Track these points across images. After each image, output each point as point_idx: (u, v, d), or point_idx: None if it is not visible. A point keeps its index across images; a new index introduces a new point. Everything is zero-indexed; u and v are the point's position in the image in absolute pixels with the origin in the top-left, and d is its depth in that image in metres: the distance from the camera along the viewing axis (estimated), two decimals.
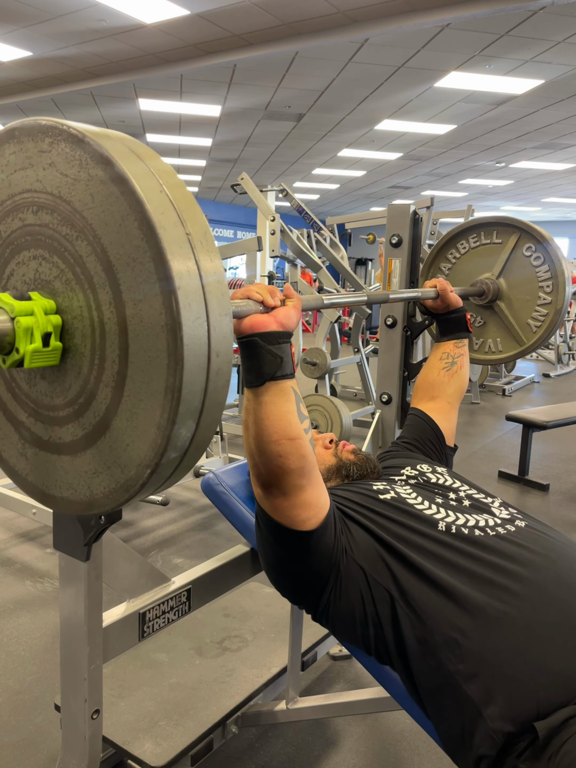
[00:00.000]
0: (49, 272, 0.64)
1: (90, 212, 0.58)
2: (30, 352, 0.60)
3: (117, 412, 0.61)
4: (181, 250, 0.54)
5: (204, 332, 0.55)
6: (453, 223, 7.82)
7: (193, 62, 5.93)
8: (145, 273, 0.55)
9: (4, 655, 1.96)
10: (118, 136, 0.60)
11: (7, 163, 0.65)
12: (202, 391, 0.57)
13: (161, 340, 0.55)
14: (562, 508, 3.40)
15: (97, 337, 0.61)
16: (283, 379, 0.84)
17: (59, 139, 0.59)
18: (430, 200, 4.55)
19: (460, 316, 1.43)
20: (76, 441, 0.67)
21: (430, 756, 1.56)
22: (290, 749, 1.60)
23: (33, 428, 0.72)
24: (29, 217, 0.64)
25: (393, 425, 2.02)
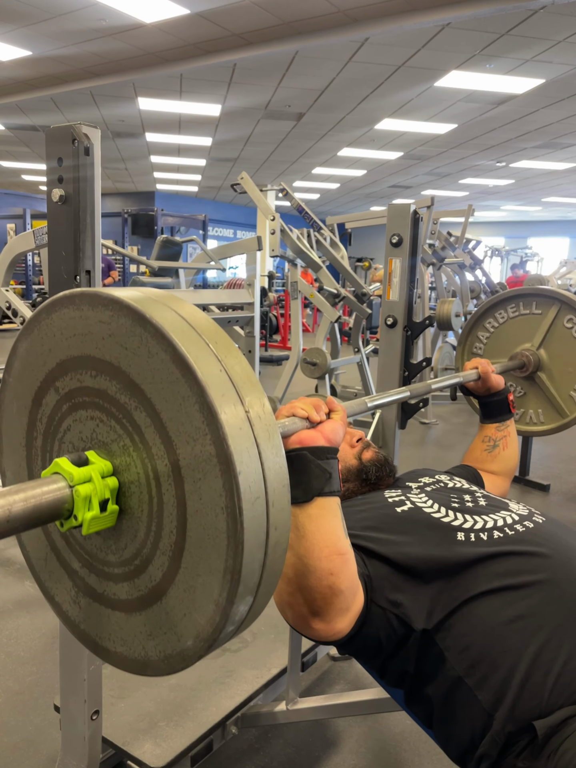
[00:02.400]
0: (107, 435, 0.64)
1: (149, 387, 0.59)
2: (88, 520, 0.60)
3: (174, 581, 0.61)
4: (242, 432, 0.55)
5: (263, 510, 0.56)
6: (453, 222, 7.83)
7: (193, 62, 5.93)
8: (205, 453, 0.55)
9: (4, 656, 1.96)
10: (183, 312, 0.60)
11: (66, 326, 0.65)
12: (260, 566, 0.57)
13: (221, 521, 0.55)
14: (563, 508, 3.39)
15: (155, 505, 0.61)
16: (331, 496, 0.83)
17: (120, 314, 0.59)
18: (430, 200, 4.54)
19: (502, 398, 1.39)
20: (130, 600, 0.66)
21: (431, 757, 1.56)
22: (290, 750, 1.60)
23: (87, 579, 0.71)
24: (87, 380, 0.65)
25: (393, 425, 2.02)
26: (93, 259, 1.20)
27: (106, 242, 2.00)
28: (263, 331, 8.17)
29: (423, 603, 0.91)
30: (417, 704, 0.95)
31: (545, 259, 14.71)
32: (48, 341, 0.68)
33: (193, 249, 9.27)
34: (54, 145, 1.16)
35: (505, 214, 17.75)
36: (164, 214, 9.05)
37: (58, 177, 1.15)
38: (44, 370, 0.69)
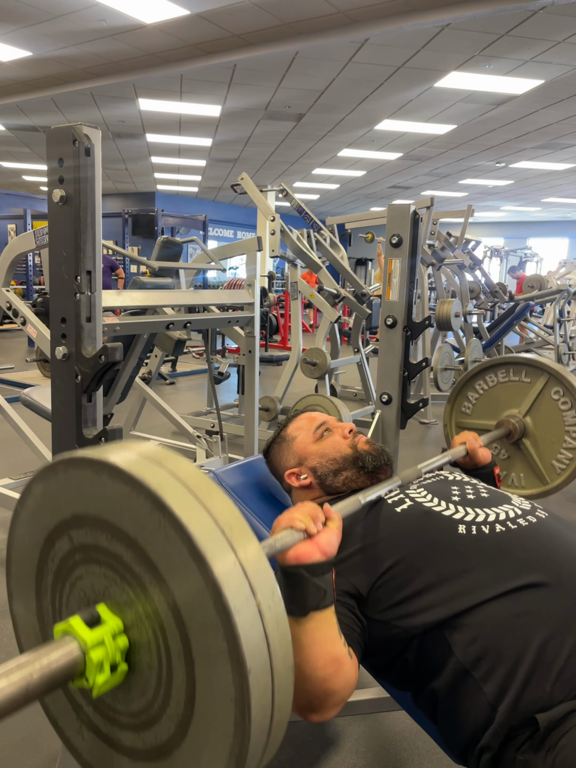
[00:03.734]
0: (119, 596, 0.65)
1: (165, 568, 0.60)
2: (99, 685, 0.61)
3: (180, 747, 0.62)
4: (253, 628, 0.56)
5: (269, 700, 0.58)
6: (453, 223, 7.83)
7: (193, 62, 5.94)
8: (217, 647, 0.56)
9: (4, 656, 1.96)
10: (210, 504, 0.60)
11: (85, 485, 0.66)
12: (263, 747, 0.59)
13: (229, 709, 0.57)
14: (563, 508, 3.40)
15: (164, 674, 0.62)
16: (326, 609, 0.84)
17: (140, 494, 0.60)
18: (430, 200, 4.54)
19: (489, 472, 1.41)
20: (134, 749, 0.67)
21: (430, 756, 1.56)
22: (290, 749, 1.60)
23: (92, 716, 0.72)
24: (102, 541, 0.65)
25: (393, 425, 2.02)
26: (94, 260, 1.20)
27: (107, 243, 2.00)
28: (263, 332, 8.17)
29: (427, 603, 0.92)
30: (423, 699, 0.95)
31: (545, 260, 14.72)
32: (65, 492, 0.69)
33: (193, 249, 9.29)
34: (55, 145, 1.16)
35: (504, 214, 17.75)
36: (164, 215, 9.05)
37: (59, 177, 1.16)
38: (59, 516, 0.70)
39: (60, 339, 1.22)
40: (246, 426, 2.75)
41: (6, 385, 5.50)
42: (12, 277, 2.08)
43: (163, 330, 2.58)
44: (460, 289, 5.72)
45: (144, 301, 2.15)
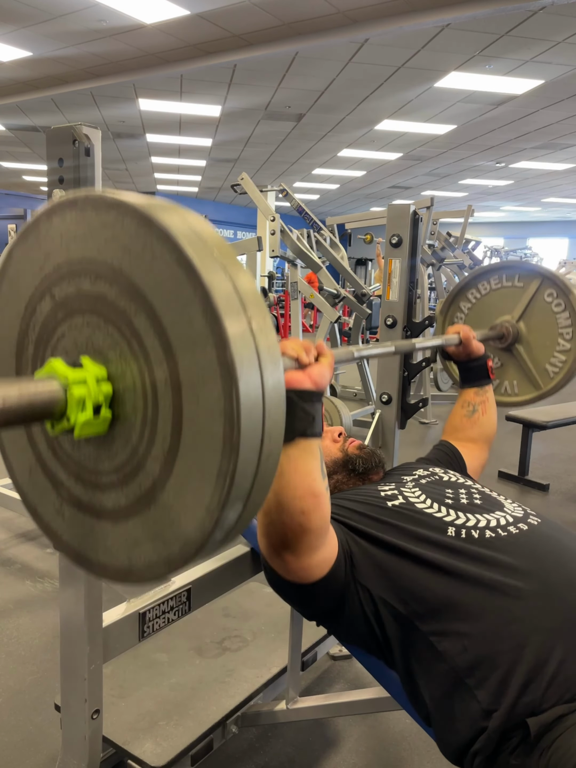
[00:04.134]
0: (103, 341, 0.62)
1: (151, 290, 0.57)
2: (81, 423, 0.59)
3: (165, 487, 0.60)
4: (244, 339, 0.54)
5: (259, 418, 0.55)
6: (453, 223, 7.84)
7: (193, 62, 5.94)
8: (206, 358, 0.54)
9: (4, 655, 1.96)
10: (183, 214, 0.58)
11: (67, 230, 0.63)
12: (253, 474, 0.56)
13: (217, 425, 0.54)
14: (562, 508, 3.40)
15: (149, 411, 0.60)
16: (313, 437, 0.84)
17: (125, 216, 0.57)
18: (430, 200, 4.55)
19: (482, 364, 1.42)
20: (118, 509, 0.65)
21: (430, 756, 1.56)
22: (290, 749, 1.60)
23: (73, 489, 0.70)
24: (86, 285, 0.62)
25: (393, 425, 2.02)
26: None
27: None
28: None
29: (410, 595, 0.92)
30: (418, 704, 0.95)
31: (544, 260, 14.72)
32: (46, 245, 0.65)
33: None
34: (54, 145, 1.16)
35: (504, 214, 17.75)
36: None
37: (59, 178, 1.16)
38: (40, 275, 0.66)
39: None
40: None
41: None
42: None
43: None
44: None
45: None
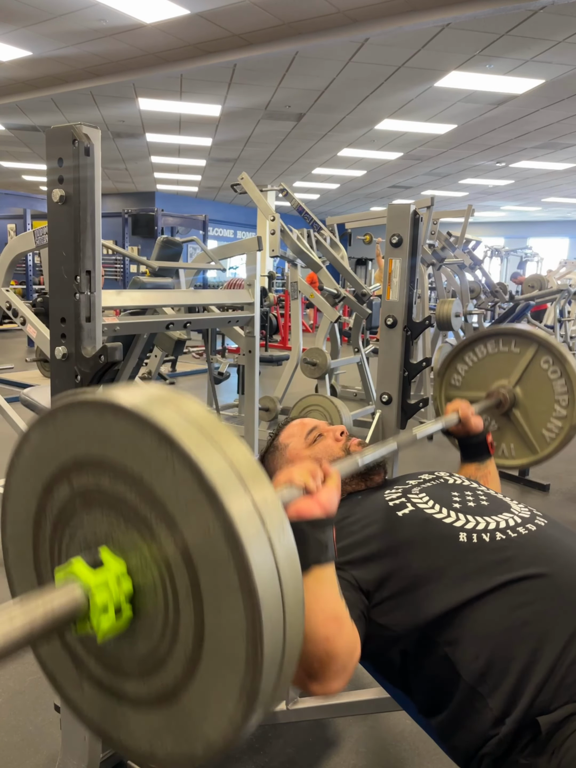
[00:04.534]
0: (122, 538, 0.63)
1: (172, 505, 0.58)
2: (104, 630, 0.59)
3: (188, 689, 0.60)
4: (265, 562, 0.55)
5: (281, 635, 0.56)
6: (453, 223, 7.83)
7: (193, 62, 5.93)
8: (228, 581, 0.55)
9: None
10: (215, 438, 0.58)
11: (86, 428, 0.63)
12: (274, 684, 0.57)
13: (239, 646, 0.55)
14: (563, 508, 3.40)
15: (171, 615, 0.60)
16: (327, 564, 0.83)
17: (145, 431, 0.58)
18: (430, 200, 4.54)
19: (481, 440, 1.41)
20: (139, 698, 0.65)
21: (431, 756, 1.56)
22: (290, 750, 1.60)
23: (93, 668, 0.69)
24: (105, 482, 0.63)
25: (393, 425, 2.02)
26: (93, 260, 1.20)
27: (107, 242, 2.00)
28: (263, 332, 8.17)
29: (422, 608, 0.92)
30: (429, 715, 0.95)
31: (545, 260, 14.71)
32: (64, 436, 0.66)
33: (193, 249, 9.27)
34: (54, 145, 1.16)
35: (504, 214, 17.75)
36: (164, 215, 9.06)
37: (59, 177, 1.15)
38: (58, 462, 0.67)
39: (59, 339, 1.22)
40: (246, 426, 2.74)
41: (6, 385, 5.50)
42: (12, 277, 2.08)
43: (163, 330, 2.58)
44: (460, 289, 5.72)
45: (144, 301, 2.14)
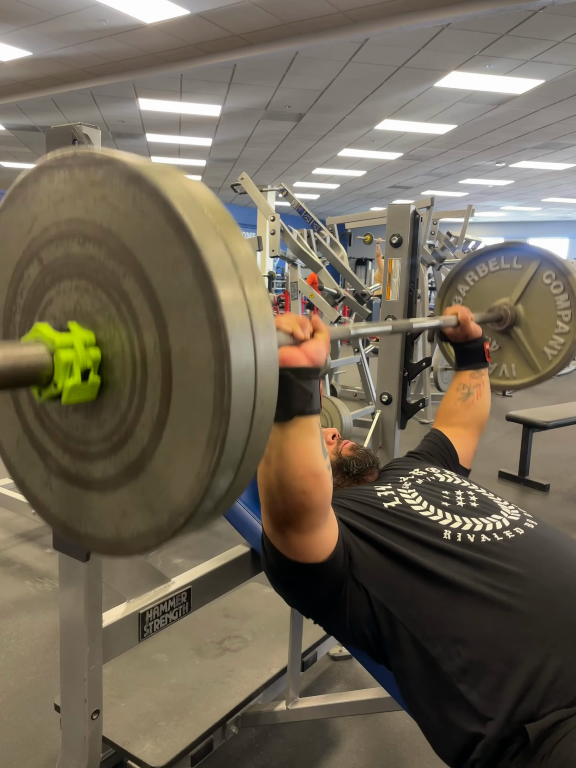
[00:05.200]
0: (91, 305, 0.61)
1: (140, 250, 0.56)
2: (69, 387, 0.58)
3: (154, 455, 0.59)
4: (235, 300, 0.52)
5: (251, 381, 0.53)
6: (453, 223, 7.84)
7: (193, 62, 5.93)
8: (196, 319, 0.53)
9: (4, 655, 1.96)
10: (176, 175, 0.57)
11: (55, 190, 0.62)
12: (244, 440, 0.55)
13: (207, 389, 0.53)
14: (563, 508, 3.40)
15: (138, 376, 0.58)
16: (311, 415, 0.83)
17: (114, 173, 0.56)
18: (430, 200, 4.54)
19: (479, 346, 1.40)
20: (106, 479, 0.64)
21: (430, 756, 1.56)
22: (290, 750, 1.60)
23: (60, 460, 0.69)
24: (74, 247, 0.61)
25: (393, 425, 2.02)
26: None
27: None
28: None
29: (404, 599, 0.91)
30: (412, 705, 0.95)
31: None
32: (33, 208, 0.64)
33: None
34: (54, 145, 1.16)
35: (504, 214, 17.74)
36: None
37: None
38: (27, 239, 0.65)
39: None
40: None
41: None
42: None
43: None
44: None
45: None
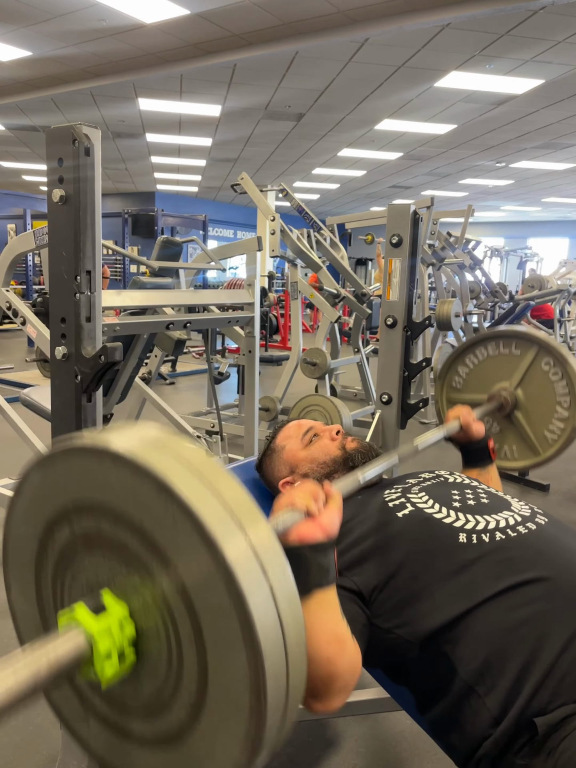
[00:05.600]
0: (125, 583, 0.63)
1: (173, 553, 0.58)
2: (108, 676, 0.59)
3: (193, 733, 0.61)
4: (267, 613, 0.55)
5: (284, 680, 0.56)
6: (453, 223, 7.84)
7: (193, 62, 5.93)
8: (231, 631, 0.55)
9: (4, 655, 1.96)
10: (207, 480, 0.59)
11: (85, 473, 0.64)
12: (278, 729, 0.58)
13: (243, 694, 0.55)
14: (563, 508, 3.40)
15: (174, 661, 0.60)
16: (328, 587, 0.83)
17: (144, 480, 0.58)
18: (430, 200, 4.54)
19: (482, 446, 1.41)
20: (144, 738, 0.65)
21: (430, 756, 1.56)
22: (290, 750, 1.60)
23: (98, 706, 0.70)
24: (106, 526, 0.63)
25: (393, 425, 2.02)
26: (93, 260, 1.20)
27: (107, 242, 2.00)
28: (263, 332, 8.17)
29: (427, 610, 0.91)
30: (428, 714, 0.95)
31: (545, 260, 14.71)
32: (64, 480, 0.67)
33: (193, 249, 9.28)
34: (54, 145, 1.16)
35: (504, 214, 17.75)
36: (164, 215, 9.04)
37: (59, 177, 1.16)
38: (59, 504, 0.68)
39: (59, 339, 1.22)
40: (246, 426, 2.75)
41: (6, 385, 5.50)
42: (12, 277, 2.08)
43: (163, 330, 2.58)
44: (460, 289, 5.72)
45: (144, 301, 2.15)
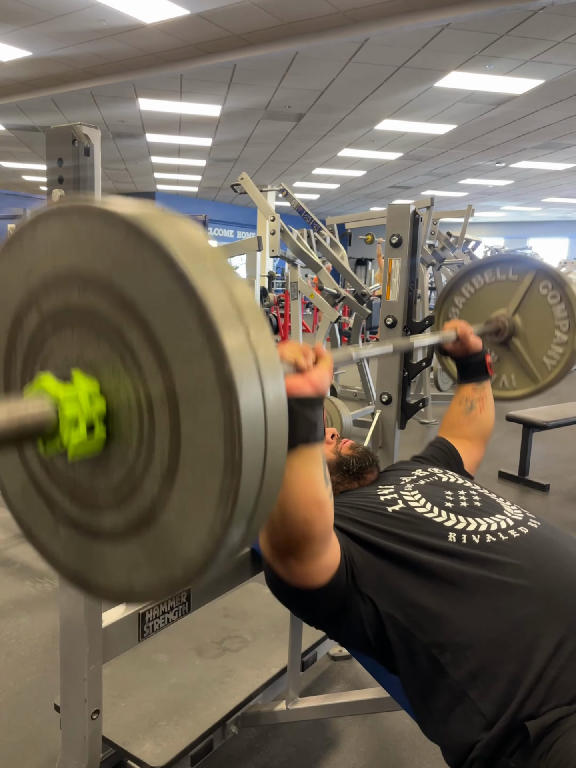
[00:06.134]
0: (94, 354, 0.60)
1: (143, 302, 0.55)
2: (74, 444, 0.57)
3: (164, 508, 0.58)
4: (243, 352, 0.52)
5: (262, 434, 0.53)
6: (453, 223, 7.84)
7: (193, 62, 5.93)
8: (204, 374, 0.52)
9: (4, 655, 1.96)
10: (175, 222, 0.55)
11: (52, 239, 0.61)
12: (256, 491, 0.54)
13: (218, 443, 0.52)
14: (563, 508, 3.40)
15: (145, 428, 0.57)
16: (315, 444, 0.82)
17: (114, 225, 0.55)
18: (430, 200, 4.54)
19: (480, 359, 1.39)
20: (116, 530, 0.63)
21: (430, 756, 1.56)
22: (290, 749, 1.60)
23: (68, 509, 0.67)
24: (74, 296, 0.60)
25: (393, 425, 2.02)
26: None
27: None
28: None
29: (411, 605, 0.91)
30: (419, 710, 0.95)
31: (544, 260, 14.71)
32: (31, 256, 0.63)
33: None
34: (54, 145, 1.16)
35: (504, 214, 17.74)
36: None
37: (59, 177, 1.16)
38: (26, 288, 0.64)
39: None
40: None
41: None
42: None
43: None
44: None
45: None
